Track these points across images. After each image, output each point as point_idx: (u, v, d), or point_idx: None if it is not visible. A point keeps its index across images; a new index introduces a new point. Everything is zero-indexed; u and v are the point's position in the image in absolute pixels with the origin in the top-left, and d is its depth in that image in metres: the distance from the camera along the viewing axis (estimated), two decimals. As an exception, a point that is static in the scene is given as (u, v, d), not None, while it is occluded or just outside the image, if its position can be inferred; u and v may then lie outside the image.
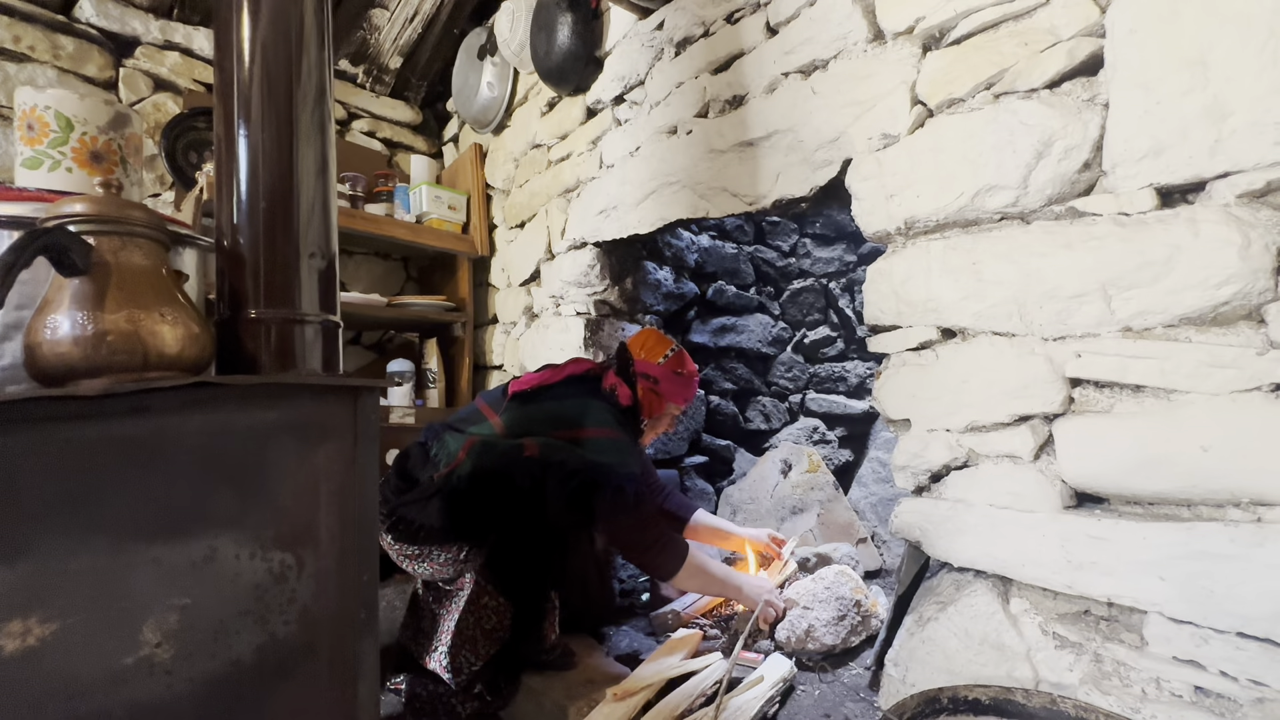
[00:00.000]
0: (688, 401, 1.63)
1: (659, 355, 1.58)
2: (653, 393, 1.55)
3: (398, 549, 1.35)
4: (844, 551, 1.91)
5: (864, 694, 1.36)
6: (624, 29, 2.01)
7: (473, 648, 1.34)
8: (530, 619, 1.40)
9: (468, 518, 1.33)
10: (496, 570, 1.37)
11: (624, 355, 1.59)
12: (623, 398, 1.51)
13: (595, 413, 1.45)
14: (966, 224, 1.16)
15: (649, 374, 1.56)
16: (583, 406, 1.45)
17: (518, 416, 1.44)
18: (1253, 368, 0.84)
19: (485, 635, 1.35)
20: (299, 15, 0.88)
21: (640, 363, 1.57)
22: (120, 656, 0.62)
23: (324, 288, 0.88)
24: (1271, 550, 0.81)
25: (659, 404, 1.57)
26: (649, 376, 1.55)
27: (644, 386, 1.55)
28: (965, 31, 1.14)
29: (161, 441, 0.66)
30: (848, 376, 3.08)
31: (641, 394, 1.55)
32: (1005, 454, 1.10)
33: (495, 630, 1.37)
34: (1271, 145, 0.82)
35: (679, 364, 1.59)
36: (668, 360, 1.57)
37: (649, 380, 1.55)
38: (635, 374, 1.55)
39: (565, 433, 1.39)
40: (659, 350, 1.59)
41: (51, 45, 2.18)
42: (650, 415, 1.57)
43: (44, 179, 0.87)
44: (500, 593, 1.37)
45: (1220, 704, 0.85)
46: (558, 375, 1.53)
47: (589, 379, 1.55)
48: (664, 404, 1.57)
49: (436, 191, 2.63)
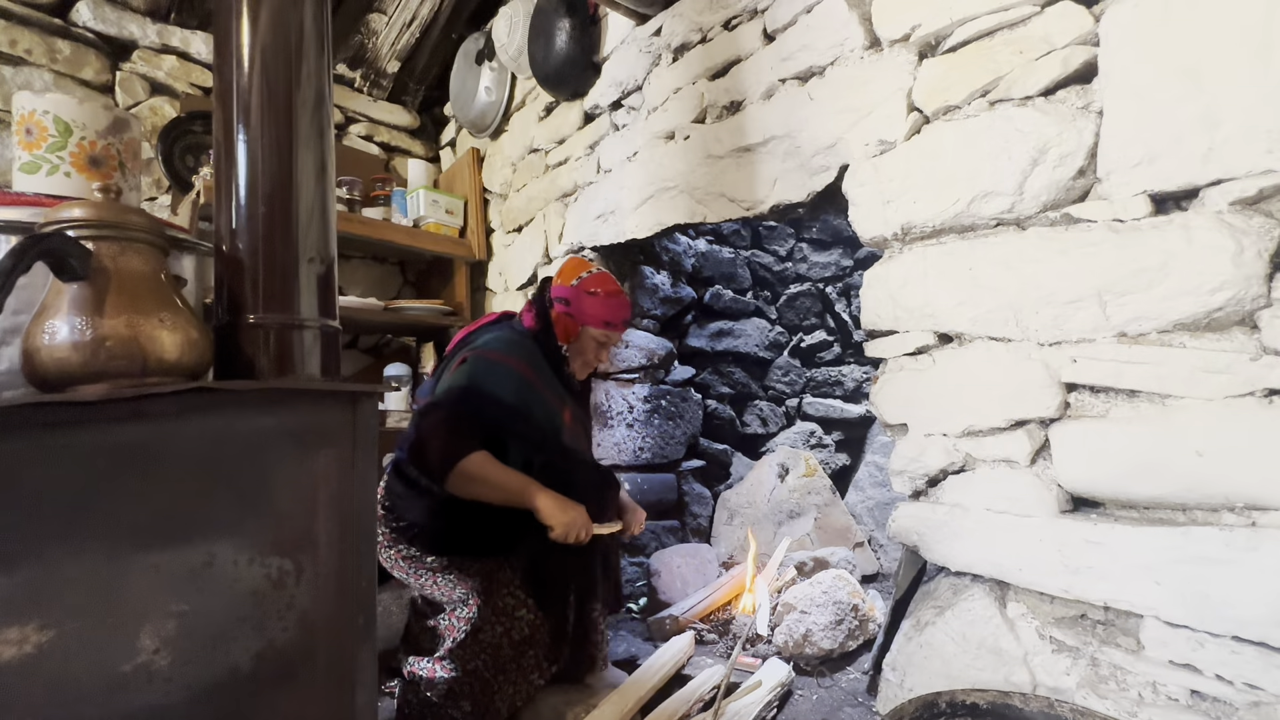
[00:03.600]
0: (609, 324, 1.50)
1: (572, 277, 1.51)
2: (566, 315, 1.48)
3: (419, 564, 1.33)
4: (841, 556, 1.91)
5: (862, 698, 1.36)
6: (621, 35, 2.02)
7: (492, 653, 1.29)
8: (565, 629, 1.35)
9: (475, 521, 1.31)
10: (533, 577, 1.33)
11: (542, 285, 1.56)
12: (525, 320, 1.49)
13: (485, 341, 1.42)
14: (963, 230, 1.16)
15: (560, 296, 1.49)
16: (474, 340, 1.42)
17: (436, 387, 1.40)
18: (1246, 373, 0.84)
19: (513, 645, 1.30)
20: (298, 21, 0.88)
21: (555, 288, 1.51)
22: (118, 663, 0.62)
23: (323, 293, 0.88)
24: (1266, 554, 0.81)
25: (573, 326, 1.49)
26: (561, 299, 1.49)
27: (557, 311, 1.49)
28: (961, 39, 1.15)
29: (160, 447, 0.66)
30: (844, 381, 3.09)
31: (555, 318, 1.49)
32: (1002, 459, 1.11)
33: (524, 643, 1.31)
34: (1263, 153, 0.83)
35: (594, 284, 1.49)
36: (581, 281, 1.50)
37: (561, 303, 1.49)
38: (550, 300, 1.51)
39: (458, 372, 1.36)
40: (574, 273, 1.52)
41: (48, 49, 2.17)
42: (567, 339, 1.49)
43: (42, 184, 0.87)
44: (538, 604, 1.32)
45: (1216, 707, 0.86)
46: (470, 328, 1.50)
47: (499, 321, 1.52)
48: (578, 325, 1.49)
49: (434, 195, 2.63)
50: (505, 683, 1.28)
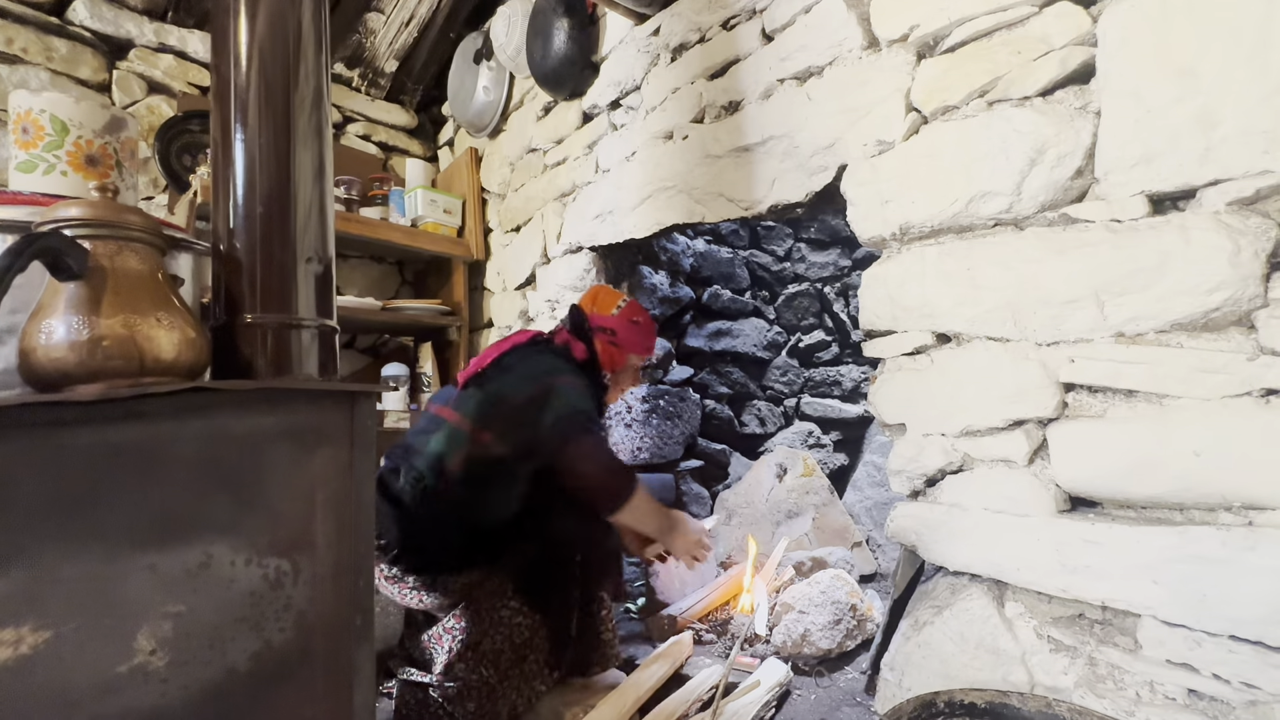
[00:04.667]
0: (649, 351, 1.57)
1: (611, 307, 1.53)
2: (611, 345, 1.50)
3: (402, 582, 1.31)
4: (839, 555, 1.91)
5: (860, 698, 1.36)
6: (620, 34, 2.02)
7: (494, 661, 1.27)
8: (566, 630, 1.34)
9: (461, 537, 1.29)
10: (527, 583, 1.31)
11: (576, 314, 1.55)
12: (577, 352, 1.47)
13: (551, 366, 1.40)
14: (961, 230, 1.16)
15: (605, 326, 1.50)
16: (536, 364, 1.39)
17: (478, 402, 1.36)
18: (1243, 373, 0.85)
19: (514, 649, 1.29)
20: (296, 19, 0.87)
21: (594, 317, 1.52)
22: (114, 665, 0.62)
23: (321, 292, 0.88)
24: (1263, 554, 0.82)
25: (619, 356, 1.51)
26: (605, 329, 1.50)
27: (601, 340, 1.50)
28: (959, 40, 1.16)
29: (157, 447, 0.66)
30: (842, 381, 3.09)
31: (600, 348, 1.49)
32: (1000, 458, 1.11)
33: (525, 646, 1.30)
34: (1260, 153, 0.83)
35: (633, 313, 1.54)
36: (621, 310, 1.52)
37: (606, 333, 1.50)
38: (591, 329, 1.50)
39: (526, 394, 1.33)
40: (611, 302, 1.54)
41: (44, 47, 2.16)
42: (611, 369, 1.52)
43: (39, 183, 0.86)
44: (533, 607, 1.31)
45: (1213, 706, 0.86)
46: (503, 346, 1.46)
47: (538, 342, 1.50)
48: (624, 355, 1.52)
49: (432, 195, 2.62)
50: (509, 688, 1.27)
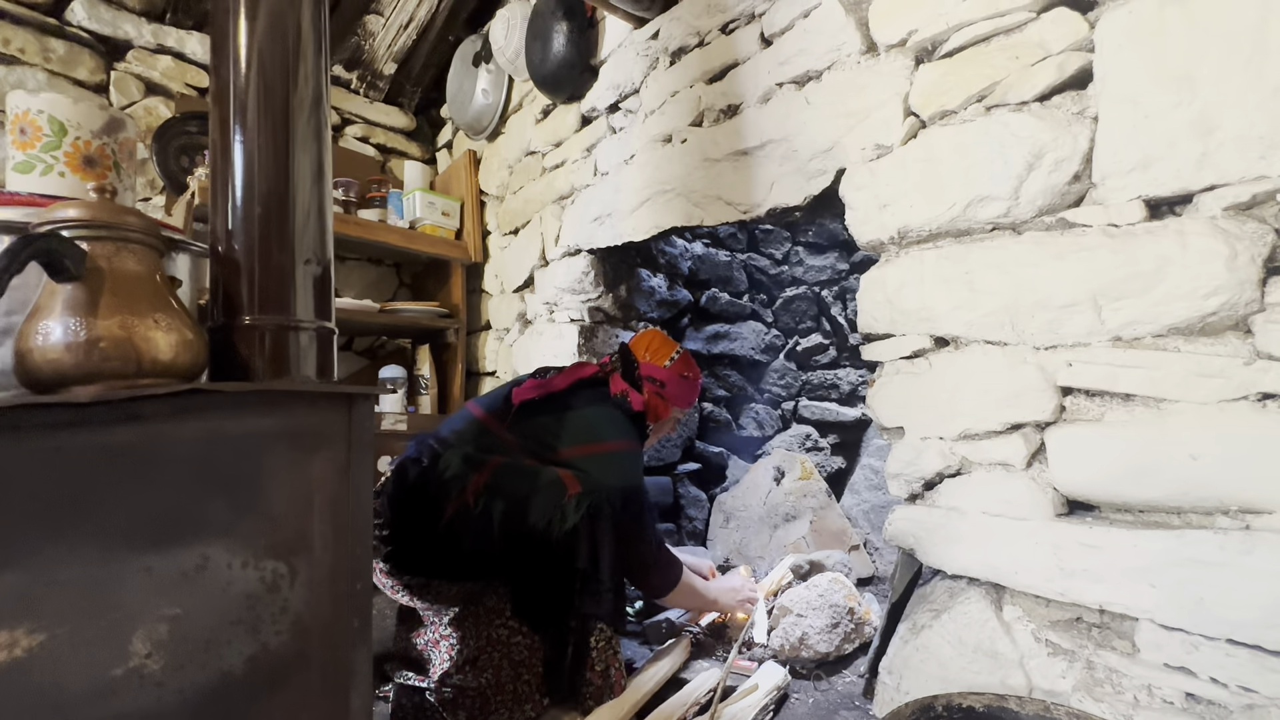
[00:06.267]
0: (691, 405, 1.57)
1: (664, 358, 1.52)
2: (659, 397, 1.50)
3: (397, 579, 1.28)
4: (837, 559, 1.91)
5: (858, 702, 1.36)
6: (619, 38, 2.02)
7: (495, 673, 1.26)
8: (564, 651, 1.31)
9: (492, 550, 1.24)
10: (526, 604, 1.28)
11: (628, 358, 1.54)
12: (635, 404, 1.46)
13: (613, 424, 1.40)
14: (959, 234, 1.17)
15: (655, 378, 1.51)
16: (599, 417, 1.40)
17: (531, 430, 1.37)
18: (1240, 377, 0.85)
19: (512, 666, 1.27)
20: (296, 21, 0.88)
21: (646, 365, 1.52)
22: (109, 668, 0.61)
23: (319, 294, 0.88)
24: (1260, 557, 0.82)
25: (665, 409, 1.51)
26: (655, 380, 1.50)
27: (650, 390, 1.50)
28: (957, 45, 1.16)
29: (154, 449, 0.66)
30: (840, 384, 3.10)
31: (648, 398, 1.49)
32: (998, 462, 1.11)
33: (522, 665, 1.28)
34: (1256, 159, 0.84)
35: (685, 367, 1.54)
36: (674, 363, 1.53)
37: (655, 384, 1.50)
38: (641, 378, 1.51)
39: (585, 448, 1.34)
40: (664, 353, 1.54)
41: (42, 48, 2.16)
42: (655, 420, 1.52)
43: (36, 183, 0.86)
44: (533, 628, 1.29)
45: (1211, 710, 0.86)
46: (564, 381, 1.46)
47: (597, 383, 1.50)
48: (669, 408, 1.52)
49: (430, 197, 2.62)
50: (500, 705, 1.25)
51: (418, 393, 2.63)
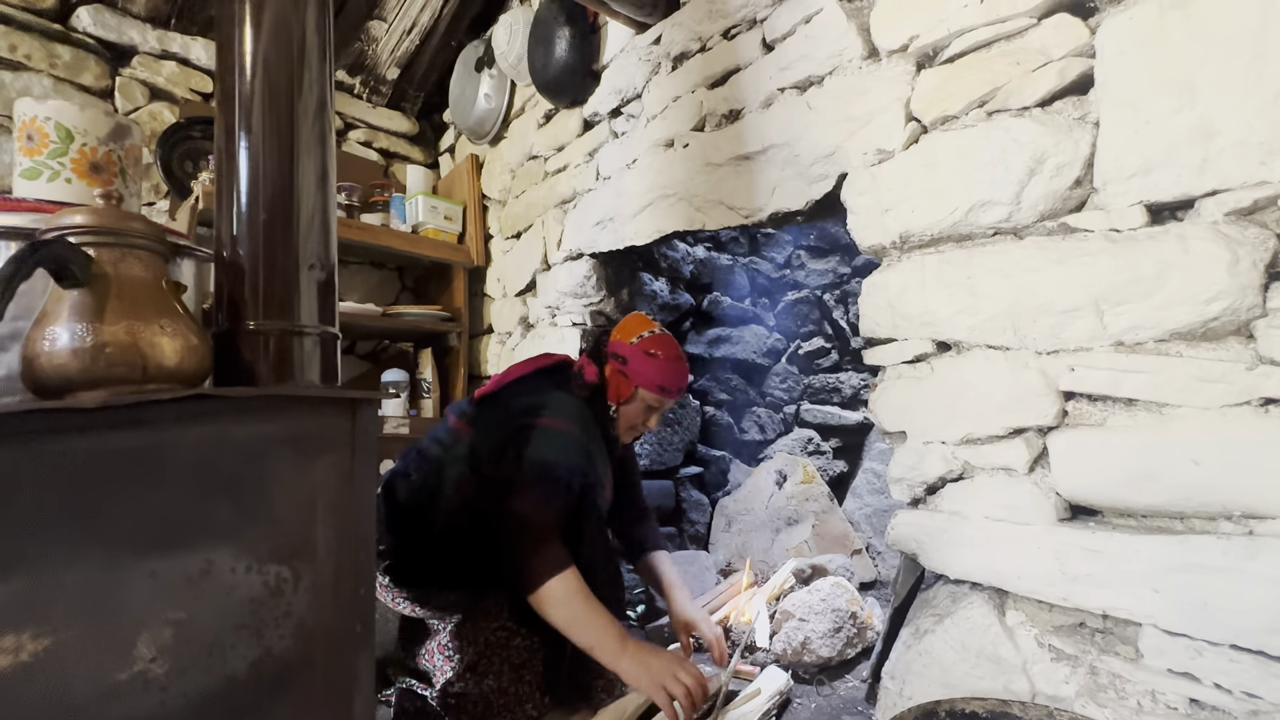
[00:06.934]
0: (664, 390, 1.41)
1: (633, 335, 1.42)
2: (620, 374, 1.40)
3: (397, 591, 1.30)
4: (839, 563, 1.91)
5: (861, 707, 1.35)
6: (621, 43, 2.03)
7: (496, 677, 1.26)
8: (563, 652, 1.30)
9: (483, 555, 1.25)
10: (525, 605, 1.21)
11: (602, 335, 1.49)
12: (588, 375, 1.41)
13: (552, 404, 1.33)
14: (960, 239, 1.17)
15: (618, 353, 1.41)
16: (540, 399, 1.34)
17: (485, 422, 1.35)
18: (1242, 382, 0.85)
19: (513, 669, 1.27)
20: (301, 28, 0.88)
21: (613, 343, 1.43)
22: (114, 672, 0.61)
23: (323, 299, 0.88)
24: (1263, 563, 0.82)
25: (626, 386, 1.40)
26: (618, 356, 1.41)
27: (612, 366, 1.42)
28: (958, 50, 1.16)
29: (159, 454, 0.66)
30: (842, 388, 3.10)
31: (609, 374, 1.42)
32: (1000, 466, 1.11)
33: (523, 667, 1.28)
34: (1257, 164, 0.84)
35: (654, 345, 1.40)
36: (641, 340, 1.41)
37: (617, 360, 1.41)
38: (607, 353, 1.44)
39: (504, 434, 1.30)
40: (636, 330, 1.43)
41: (48, 54, 2.18)
42: (617, 399, 1.42)
43: (43, 190, 0.86)
44: (532, 629, 1.27)
45: (1215, 716, 0.86)
46: (523, 369, 1.44)
47: (558, 369, 1.45)
48: (631, 387, 1.40)
49: (432, 202, 2.63)
50: (503, 708, 1.26)
51: (420, 396, 2.63)
